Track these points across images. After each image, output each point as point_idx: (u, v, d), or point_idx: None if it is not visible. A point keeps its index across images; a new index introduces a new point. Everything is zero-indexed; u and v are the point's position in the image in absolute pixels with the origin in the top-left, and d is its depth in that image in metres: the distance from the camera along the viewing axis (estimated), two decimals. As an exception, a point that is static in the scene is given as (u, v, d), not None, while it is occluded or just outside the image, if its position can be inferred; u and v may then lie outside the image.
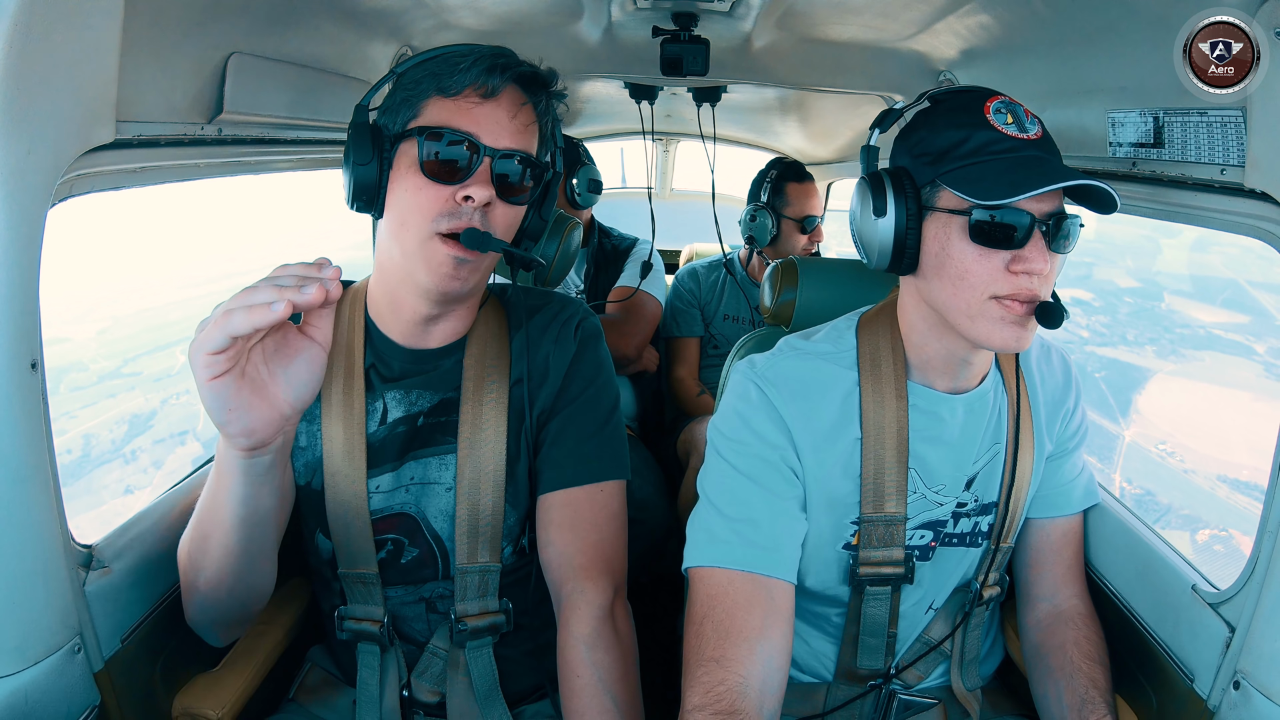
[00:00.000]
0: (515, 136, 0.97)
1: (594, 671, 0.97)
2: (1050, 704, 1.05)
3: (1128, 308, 19.50)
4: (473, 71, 0.94)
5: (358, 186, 0.97)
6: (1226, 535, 12.51)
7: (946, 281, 0.92)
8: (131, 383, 18.80)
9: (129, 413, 17.11)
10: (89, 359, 20.87)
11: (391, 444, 1.06)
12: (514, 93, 0.97)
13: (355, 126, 0.97)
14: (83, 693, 0.87)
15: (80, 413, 17.18)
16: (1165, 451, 15.39)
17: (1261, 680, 0.86)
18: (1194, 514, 13.25)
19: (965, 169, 0.90)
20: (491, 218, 0.96)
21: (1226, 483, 14.27)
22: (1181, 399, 16.95)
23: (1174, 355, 18.32)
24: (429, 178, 0.94)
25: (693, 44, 1.52)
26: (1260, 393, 17.61)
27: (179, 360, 19.18)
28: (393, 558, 1.08)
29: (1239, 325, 19.17)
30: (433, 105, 0.96)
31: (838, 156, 2.93)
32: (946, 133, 0.92)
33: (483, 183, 0.94)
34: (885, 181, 0.95)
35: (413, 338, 1.07)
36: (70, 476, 14.45)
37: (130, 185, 0.93)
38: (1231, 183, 0.90)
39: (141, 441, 16.32)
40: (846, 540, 1.06)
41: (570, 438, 1.08)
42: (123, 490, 14.95)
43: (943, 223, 0.92)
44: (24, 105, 0.69)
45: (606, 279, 2.39)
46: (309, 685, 1.18)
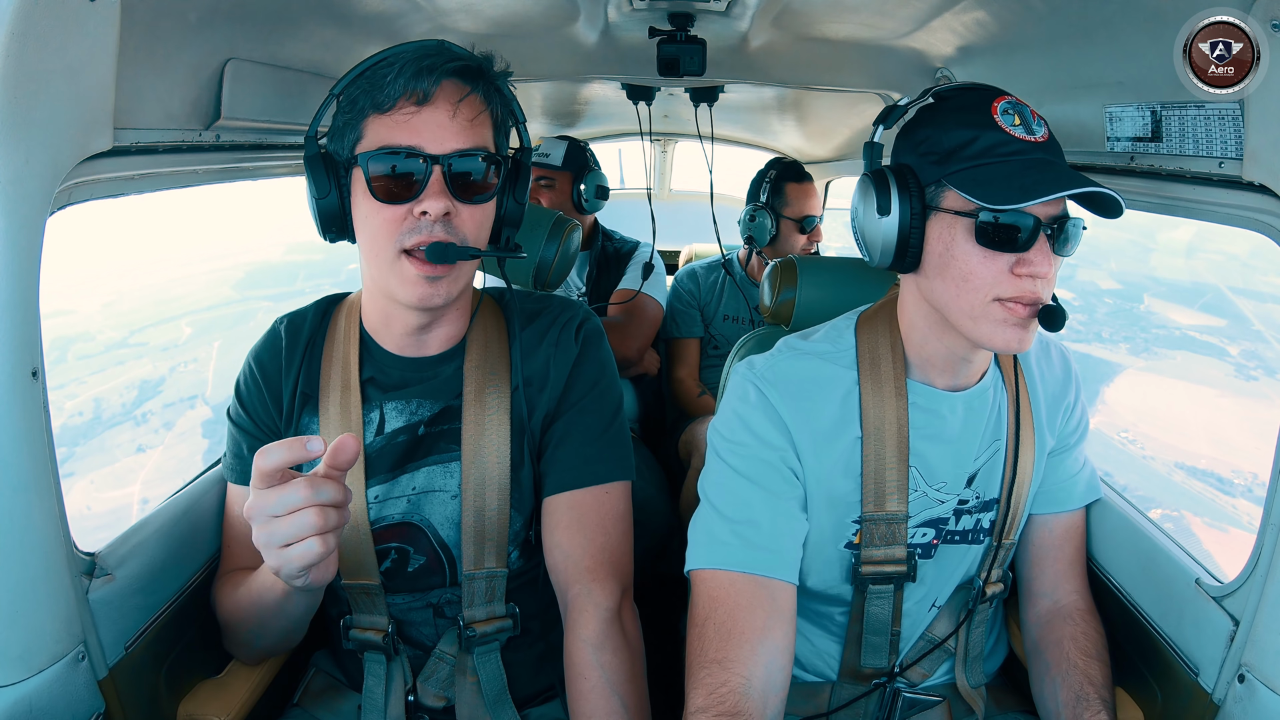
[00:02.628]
0: (461, 135, 0.93)
1: (602, 673, 0.97)
2: (1047, 700, 1.06)
3: (1106, 308, 19.91)
4: (400, 80, 0.90)
5: (323, 219, 0.96)
6: (1178, 515, 13.07)
7: (950, 282, 0.92)
8: (139, 352, 19.19)
9: (138, 379, 17.52)
10: (95, 330, 21.23)
11: (390, 454, 1.06)
12: (450, 89, 0.93)
13: (307, 160, 0.95)
14: (87, 701, 0.87)
15: (90, 378, 17.61)
16: (1127, 439, 15.89)
17: (1266, 673, 0.85)
18: (1148, 495, 13.76)
19: (973, 170, 0.89)
20: (457, 224, 0.94)
21: (1184, 469, 14.79)
22: (1147, 393, 17.51)
23: (1146, 353, 18.81)
24: (382, 200, 0.92)
25: (689, 44, 1.51)
26: (1227, 390, 18.12)
27: (185, 332, 19.60)
28: (398, 566, 1.08)
29: (1214, 328, 19.68)
30: (372, 124, 0.93)
31: (836, 155, 2.93)
32: (954, 132, 0.91)
33: (436, 194, 0.92)
34: (889, 179, 0.94)
35: (409, 347, 1.07)
36: (82, 437, 14.99)
37: (129, 192, 0.93)
38: (1230, 176, 0.90)
39: (152, 405, 16.82)
40: (848, 539, 1.06)
41: (575, 440, 1.08)
42: (135, 449, 15.35)
43: (948, 223, 0.92)
44: (22, 113, 0.69)
45: (608, 281, 2.39)
46: (313, 690, 1.18)
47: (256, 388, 1.08)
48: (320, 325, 1.10)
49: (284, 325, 1.11)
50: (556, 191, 2.34)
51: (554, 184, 2.34)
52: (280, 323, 1.12)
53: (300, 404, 1.07)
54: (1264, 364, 17.88)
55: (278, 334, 1.10)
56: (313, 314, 1.12)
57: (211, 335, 20.41)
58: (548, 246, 1.60)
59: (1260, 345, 18.73)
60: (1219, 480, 14.19)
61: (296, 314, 1.13)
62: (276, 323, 1.13)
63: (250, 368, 1.09)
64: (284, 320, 1.12)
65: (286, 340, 1.09)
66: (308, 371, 1.08)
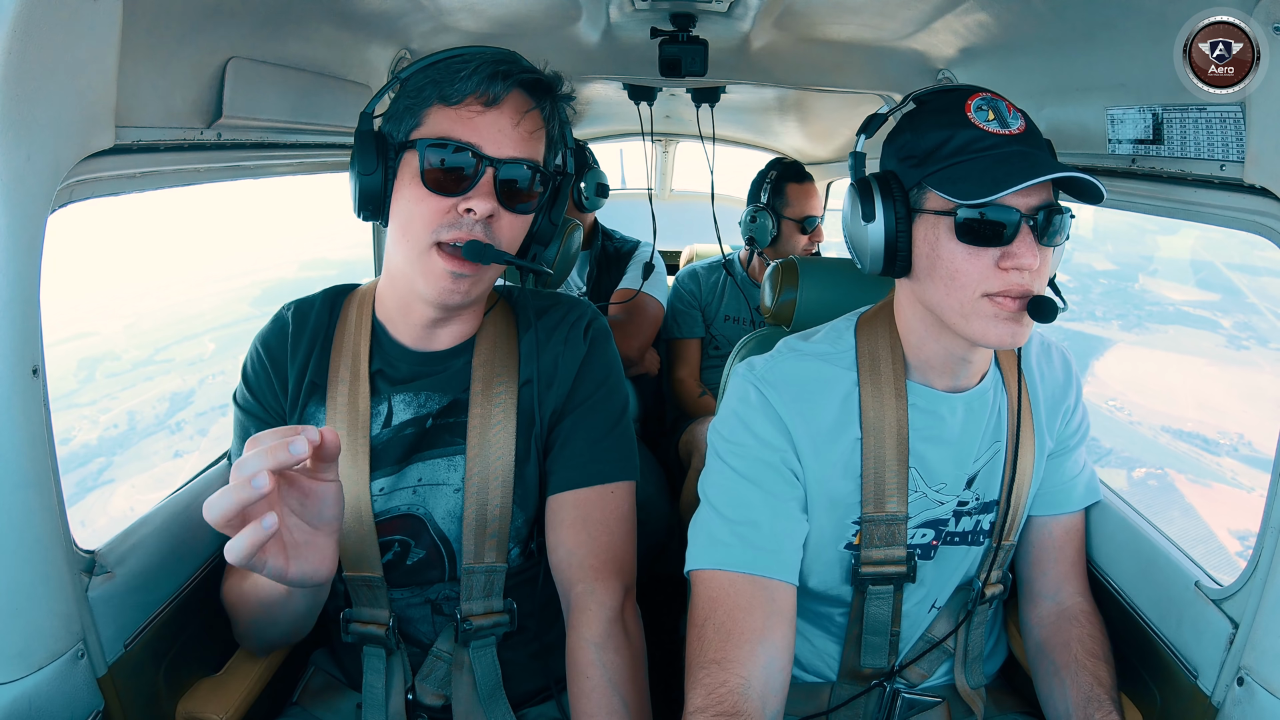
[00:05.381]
0: (519, 144, 0.95)
1: (604, 672, 0.97)
2: (1055, 701, 1.05)
3: (1101, 288, 20.32)
4: (474, 79, 0.92)
5: (363, 195, 0.96)
6: (1161, 473, 13.79)
7: (939, 282, 0.93)
8: (166, 368, 19.84)
9: (169, 391, 18.15)
10: (120, 349, 21.80)
11: (397, 446, 1.06)
12: (518, 99, 0.95)
13: (359, 135, 0.96)
14: (86, 698, 0.87)
15: (121, 394, 18.28)
16: (1114, 407, 16.51)
17: (1265, 676, 0.85)
18: (1133, 456, 14.38)
19: (949, 169, 0.90)
20: (496, 228, 0.96)
21: (1169, 432, 15.50)
22: (1136, 364, 18.13)
23: (1138, 328, 19.34)
24: (430, 189, 0.93)
25: (691, 44, 1.52)
26: (1217, 360, 18.80)
27: (209, 347, 20.24)
28: (399, 559, 1.08)
29: (1208, 303, 20.22)
30: (434, 114, 0.95)
31: (837, 156, 2.93)
32: (930, 134, 0.92)
33: (485, 195, 0.93)
34: (873, 186, 0.95)
35: (421, 340, 1.07)
36: (119, 447, 15.66)
37: (130, 190, 0.93)
38: (1231, 178, 0.90)
39: (185, 415, 17.50)
40: (848, 540, 1.06)
41: (581, 439, 1.08)
42: (172, 454, 15.87)
43: (930, 224, 0.92)
44: (23, 111, 0.69)
45: (609, 281, 2.39)
46: (312, 689, 1.18)
47: (264, 371, 1.08)
48: (329, 315, 1.11)
49: (291, 312, 1.11)
50: None
51: None
52: (287, 309, 1.12)
53: (308, 393, 1.07)
54: (1256, 334, 18.36)
55: (284, 320, 1.10)
56: (320, 302, 1.12)
57: (235, 349, 21.04)
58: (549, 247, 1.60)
59: (1254, 317, 19.17)
60: (1204, 440, 14.73)
61: (304, 301, 1.13)
62: (284, 309, 1.13)
63: (257, 352, 1.10)
64: (291, 307, 1.12)
65: (293, 327, 1.09)
66: (317, 361, 1.08)
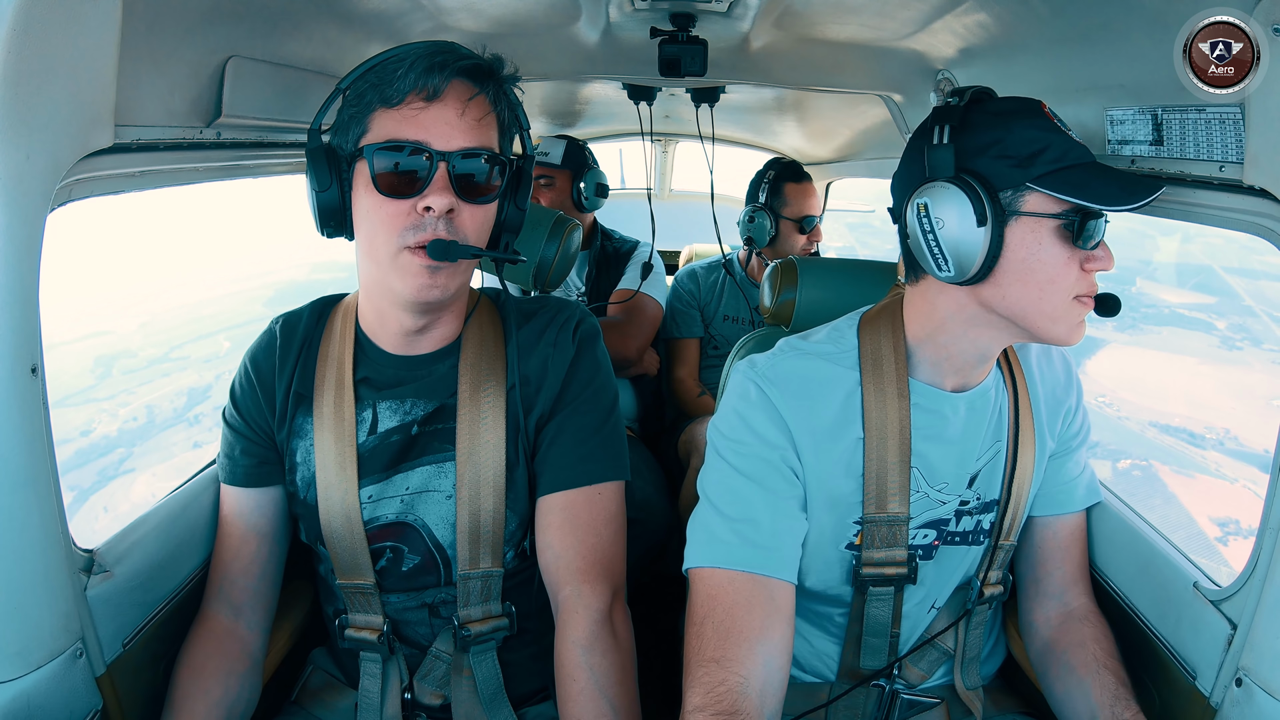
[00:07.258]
0: (468, 134, 0.93)
1: (591, 676, 0.97)
2: (1076, 700, 1.04)
3: None
4: (411, 75, 0.90)
5: (322, 212, 0.96)
6: (1146, 464, 14.37)
7: (1031, 286, 0.90)
8: (182, 365, 20.29)
9: (185, 387, 18.59)
10: (136, 347, 22.23)
11: (384, 453, 1.05)
12: (460, 88, 0.93)
13: (310, 152, 0.95)
14: (85, 697, 0.87)
15: (139, 389, 18.77)
16: (1104, 403, 17.03)
17: (1264, 677, 0.86)
18: (1120, 449, 14.85)
19: (1063, 173, 0.89)
20: (458, 223, 0.94)
21: (1156, 427, 15.95)
22: (1127, 363, 18.54)
23: (1132, 329, 19.73)
24: (385, 194, 0.92)
25: (691, 44, 1.51)
26: (1209, 360, 19.14)
27: (224, 345, 20.76)
28: (393, 565, 1.07)
29: (1204, 305, 20.57)
30: (379, 117, 0.93)
31: (837, 156, 2.93)
32: (1025, 134, 0.90)
33: (440, 190, 0.92)
34: (979, 189, 0.89)
35: (404, 345, 1.06)
36: (139, 439, 16.04)
37: (129, 189, 0.93)
38: (1231, 180, 0.90)
39: (202, 408, 18.07)
40: (849, 540, 1.06)
41: (568, 439, 1.07)
42: (191, 445, 16.30)
43: (1030, 227, 0.89)
44: (22, 110, 0.69)
45: (608, 281, 2.39)
46: (311, 688, 1.18)
47: (251, 389, 1.08)
48: (316, 325, 1.10)
49: (279, 325, 1.11)
50: (556, 190, 2.34)
51: (553, 182, 2.34)
52: (276, 323, 1.12)
53: (295, 404, 1.07)
54: (1250, 335, 18.67)
55: (273, 334, 1.10)
56: (308, 314, 1.12)
57: (250, 348, 22.11)
58: (548, 246, 1.59)
59: (1249, 319, 19.50)
60: (1190, 435, 15.16)
61: (292, 314, 1.12)
62: (273, 323, 1.13)
63: (245, 369, 1.10)
64: (279, 320, 1.12)
65: (281, 340, 1.09)
66: (303, 371, 1.08)
